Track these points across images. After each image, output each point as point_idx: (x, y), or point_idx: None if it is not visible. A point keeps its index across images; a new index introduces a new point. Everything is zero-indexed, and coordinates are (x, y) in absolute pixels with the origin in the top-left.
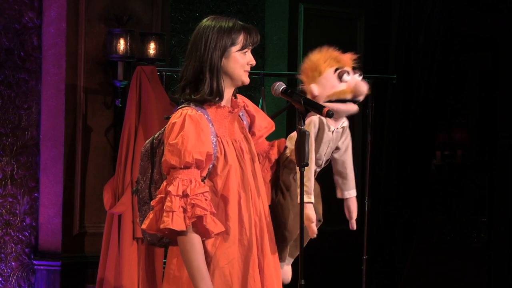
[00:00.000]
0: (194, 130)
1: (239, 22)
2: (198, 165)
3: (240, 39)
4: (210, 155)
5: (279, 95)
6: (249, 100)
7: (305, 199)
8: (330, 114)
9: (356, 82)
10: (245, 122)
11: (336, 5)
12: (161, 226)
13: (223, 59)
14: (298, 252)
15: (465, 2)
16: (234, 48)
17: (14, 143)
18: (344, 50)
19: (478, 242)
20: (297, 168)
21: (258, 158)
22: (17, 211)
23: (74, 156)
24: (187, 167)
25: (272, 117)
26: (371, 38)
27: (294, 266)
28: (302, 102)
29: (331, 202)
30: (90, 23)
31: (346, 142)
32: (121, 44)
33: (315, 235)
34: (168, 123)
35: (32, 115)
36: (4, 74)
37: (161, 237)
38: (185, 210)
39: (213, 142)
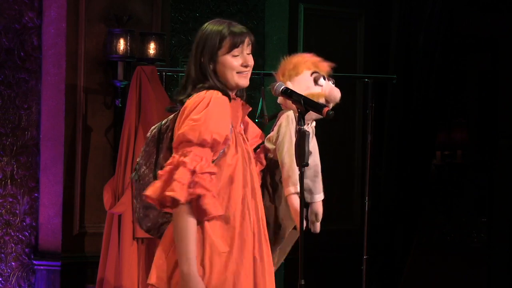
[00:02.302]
0: (219, 111)
1: (231, 25)
2: (214, 146)
3: (226, 42)
4: (227, 140)
5: (279, 95)
6: None
7: (292, 190)
8: (330, 114)
9: (330, 88)
10: (242, 127)
11: (336, 5)
12: (167, 193)
13: (212, 63)
14: (281, 260)
15: (465, 2)
16: (221, 52)
17: (14, 143)
18: (344, 50)
19: (478, 242)
20: (298, 168)
21: None
22: (17, 211)
23: (74, 156)
24: (203, 145)
25: (272, 117)
26: (371, 38)
27: (294, 266)
28: (302, 102)
29: (330, 202)
30: (90, 23)
31: (315, 147)
32: (121, 44)
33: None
34: (190, 101)
35: (32, 115)
36: (4, 74)
37: (162, 222)
38: (190, 185)
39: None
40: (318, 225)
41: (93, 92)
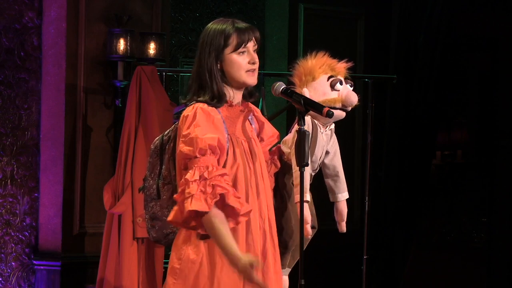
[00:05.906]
0: (206, 119)
1: (236, 22)
2: (213, 150)
3: (231, 40)
4: (223, 143)
5: (279, 95)
6: (256, 108)
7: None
8: (330, 114)
9: (347, 93)
10: (253, 126)
11: (336, 5)
12: (188, 208)
13: (219, 62)
14: (294, 263)
15: (465, 2)
16: (227, 50)
17: (14, 143)
18: (344, 50)
19: (478, 242)
20: (297, 168)
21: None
22: (17, 211)
23: (74, 156)
24: (202, 154)
25: (272, 117)
26: (371, 38)
27: (294, 266)
28: (302, 102)
29: (330, 202)
30: (90, 23)
31: (334, 146)
32: (121, 44)
33: (309, 236)
34: (181, 117)
35: (32, 115)
36: (4, 74)
37: (167, 233)
38: (204, 192)
39: (226, 136)
40: (343, 224)
41: (93, 92)
